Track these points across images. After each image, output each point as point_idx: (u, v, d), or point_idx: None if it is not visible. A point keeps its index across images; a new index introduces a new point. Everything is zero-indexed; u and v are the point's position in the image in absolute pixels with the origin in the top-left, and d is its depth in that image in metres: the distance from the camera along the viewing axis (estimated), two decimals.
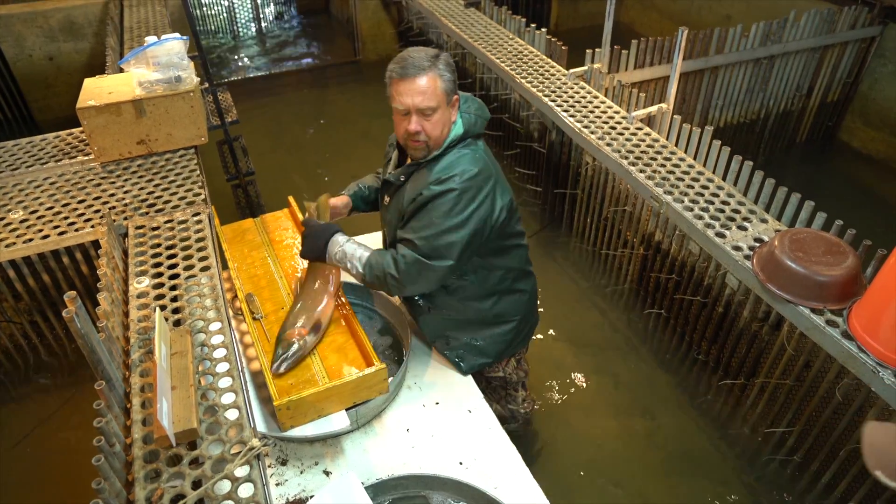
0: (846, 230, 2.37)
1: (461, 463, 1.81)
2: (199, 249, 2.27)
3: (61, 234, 2.43)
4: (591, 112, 3.50)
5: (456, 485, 1.76)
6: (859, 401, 2.17)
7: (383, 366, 1.86)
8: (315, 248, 1.99)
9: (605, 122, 3.39)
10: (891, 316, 1.94)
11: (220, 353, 1.86)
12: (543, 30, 4.37)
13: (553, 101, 3.63)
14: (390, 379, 1.91)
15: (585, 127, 3.34)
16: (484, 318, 2.09)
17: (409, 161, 1.93)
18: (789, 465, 2.61)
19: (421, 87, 1.74)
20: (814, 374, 2.36)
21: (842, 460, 2.33)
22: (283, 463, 1.84)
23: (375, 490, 1.74)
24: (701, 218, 2.63)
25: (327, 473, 1.80)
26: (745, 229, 2.55)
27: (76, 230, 2.45)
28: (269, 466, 1.82)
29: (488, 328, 2.11)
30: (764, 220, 2.60)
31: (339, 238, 1.98)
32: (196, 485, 1.50)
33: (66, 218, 2.52)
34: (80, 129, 3.00)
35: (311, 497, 1.70)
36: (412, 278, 1.85)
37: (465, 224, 1.80)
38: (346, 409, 1.85)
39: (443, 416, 1.96)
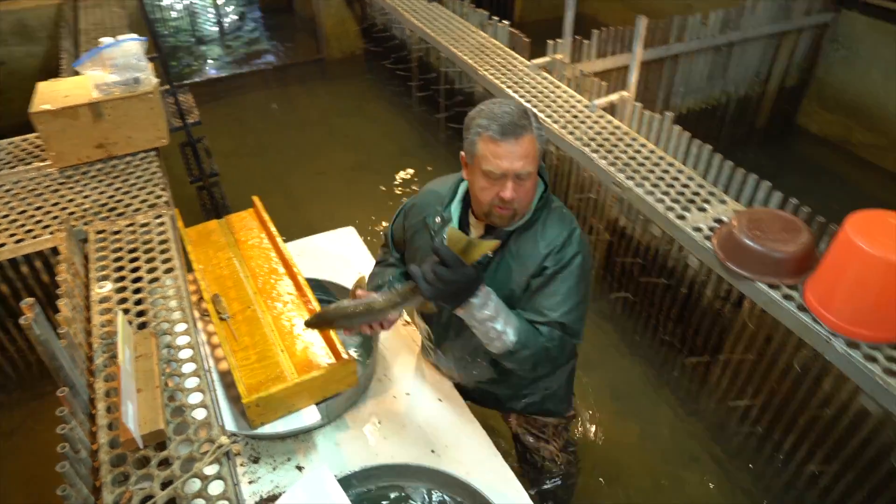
0: (801, 208, 2.45)
1: (433, 451, 1.83)
2: (163, 252, 2.25)
3: (18, 241, 2.38)
4: (554, 102, 3.54)
5: (428, 472, 1.77)
6: (816, 370, 2.24)
7: (352, 359, 1.87)
8: (458, 292, 1.46)
9: (568, 112, 3.43)
10: (841, 288, 2.02)
11: (186, 353, 1.85)
12: (506, 22, 4.40)
13: (515, 91, 3.66)
14: (360, 372, 1.92)
15: (548, 117, 3.37)
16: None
17: (480, 231, 1.68)
18: (753, 436, 2.69)
19: (523, 151, 1.48)
20: (774, 348, 2.43)
21: (801, 428, 2.41)
22: (255, 461, 1.84)
23: (349, 482, 1.75)
24: (662, 201, 2.68)
25: (300, 469, 1.80)
26: (705, 211, 2.61)
27: (34, 237, 2.40)
28: (241, 465, 1.81)
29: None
30: (723, 202, 2.67)
31: (491, 291, 1.55)
32: (165, 485, 1.50)
33: (22, 225, 2.47)
34: (36, 134, 2.94)
35: (285, 493, 1.70)
36: (555, 360, 1.67)
37: (588, 288, 1.67)
38: (317, 404, 1.86)
39: (414, 406, 1.98)
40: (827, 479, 2.42)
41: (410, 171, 4.86)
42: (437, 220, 1.71)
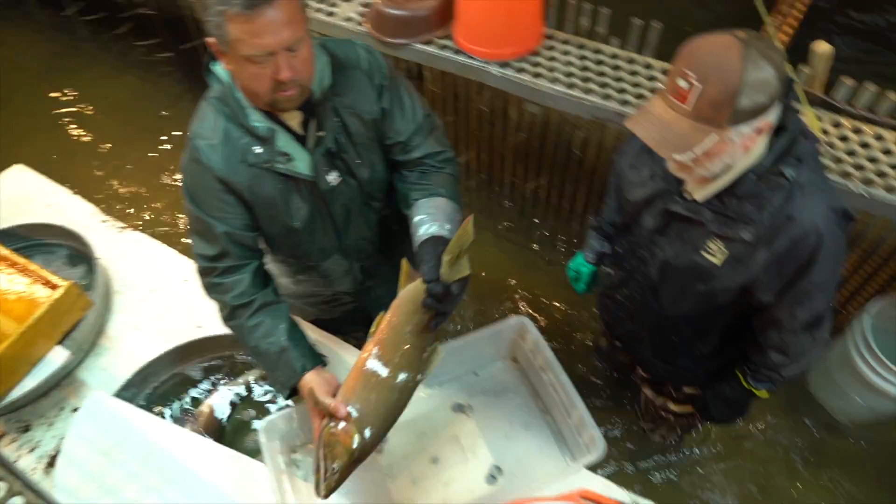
0: None
1: (199, 326, 1.85)
2: None
3: None
4: None
5: (195, 346, 1.81)
6: (498, 105, 2.58)
7: (69, 282, 1.74)
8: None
9: None
10: (479, 22, 2.28)
11: None
12: None
13: None
14: (89, 293, 1.81)
15: None
16: None
17: (298, 118, 1.34)
18: (483, 182, 3.09)
19: (285, 16, 1.15)
20: (463, 102, 2.73)
21: (511, 158, 2.82)
22: (27, 429, 1.72)
23: (130, 393, 1.73)
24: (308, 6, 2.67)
25: (76, 410, 1.73)
26: (351, 0, 2.68)
27: None
28: (12, 442, 1.68)
29: None
30: None
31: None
32: None
33: None
34: None
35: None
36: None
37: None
38: (60, 342, 1.75)
39: (155, 303, 1.94)
40: (544, 192, 2.93)
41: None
42: (258, 149, 1.32)
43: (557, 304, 2.92)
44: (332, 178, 1.39)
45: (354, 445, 1.20)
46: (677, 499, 2.38)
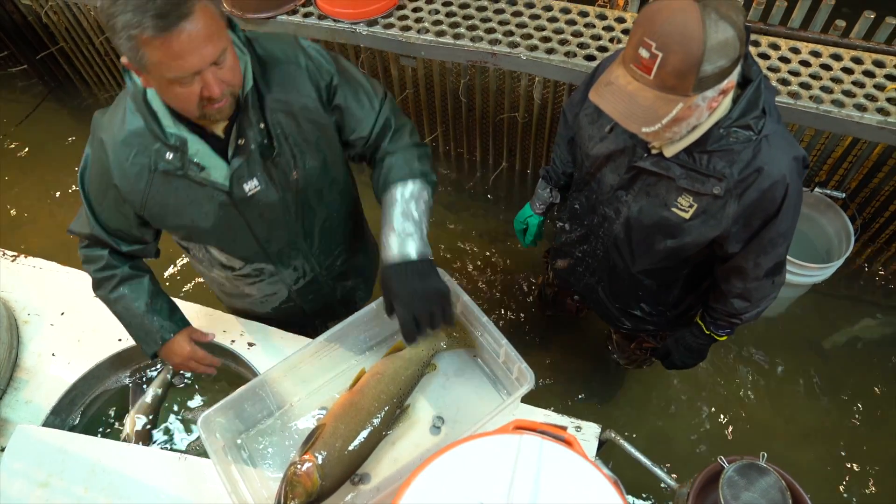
0: None
1: (121, 339, 1.83)
2: None
3: None
4: None
5: (121, 356, 1.79)
6: (365, 57, 2.59)
7: None
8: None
9: None
10: None
11: None
12: None
13: None
14: None
15: None
16: None
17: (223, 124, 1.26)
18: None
19: (204, 32, 1.04)
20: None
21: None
22: None
23: (59, 419, 1.71)
24: None
25: (2, 450, 1.68)
26: None
27: None
28: None
29: None
30: None
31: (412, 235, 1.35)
32: None
33: None
34: None
35: None
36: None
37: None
38: None
39: (68, 326, 1.90)
40: (442, 145, 2.96)
41: None
42: (170, 156, 1.25)
43: (476, 250, 3.01)
44: (251, 186, 1.31)
45: (313, 489, 1.31)
46: (623, 416, 2.53)
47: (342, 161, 1.47)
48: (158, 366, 1.80)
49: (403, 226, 1.31)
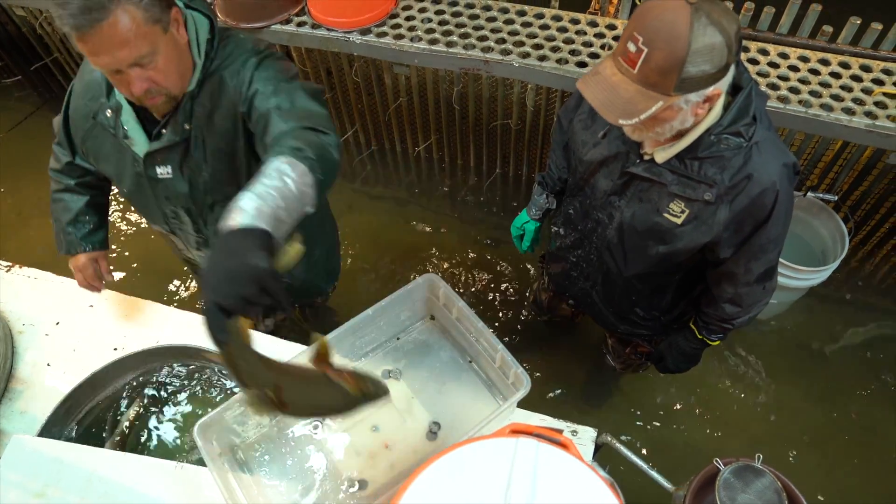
0: None
1: (116, 348, 1.83)
2: None
3: None
4: None
5: (117, 365, 1.79)
6: (371, 73, 2.60)
7: None
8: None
9: None
10: None
11: None
12: None
13: None
14: None
15: None
16: None
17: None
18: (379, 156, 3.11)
19: (118, 38, 1.10)
20: (338, 76, 2.73)
21: (398, 132, 2.85)
22: None
23: (56, 430, 1.70)
24: None
25: None
26: None
27: None
28: None
29: None
30: None
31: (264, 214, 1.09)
32: None
33: None
34: None
35: None
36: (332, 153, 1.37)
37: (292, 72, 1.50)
38: None
39: (63, 336, 1.90)
40: (436, 152, 2.98)
41: None
42: (108, 113, 1.38)
43: (471, 256, 3.03)
44: (162, 171, 1.41)
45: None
46: (619, 420, 2.54)
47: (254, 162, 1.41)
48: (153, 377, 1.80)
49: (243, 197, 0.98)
